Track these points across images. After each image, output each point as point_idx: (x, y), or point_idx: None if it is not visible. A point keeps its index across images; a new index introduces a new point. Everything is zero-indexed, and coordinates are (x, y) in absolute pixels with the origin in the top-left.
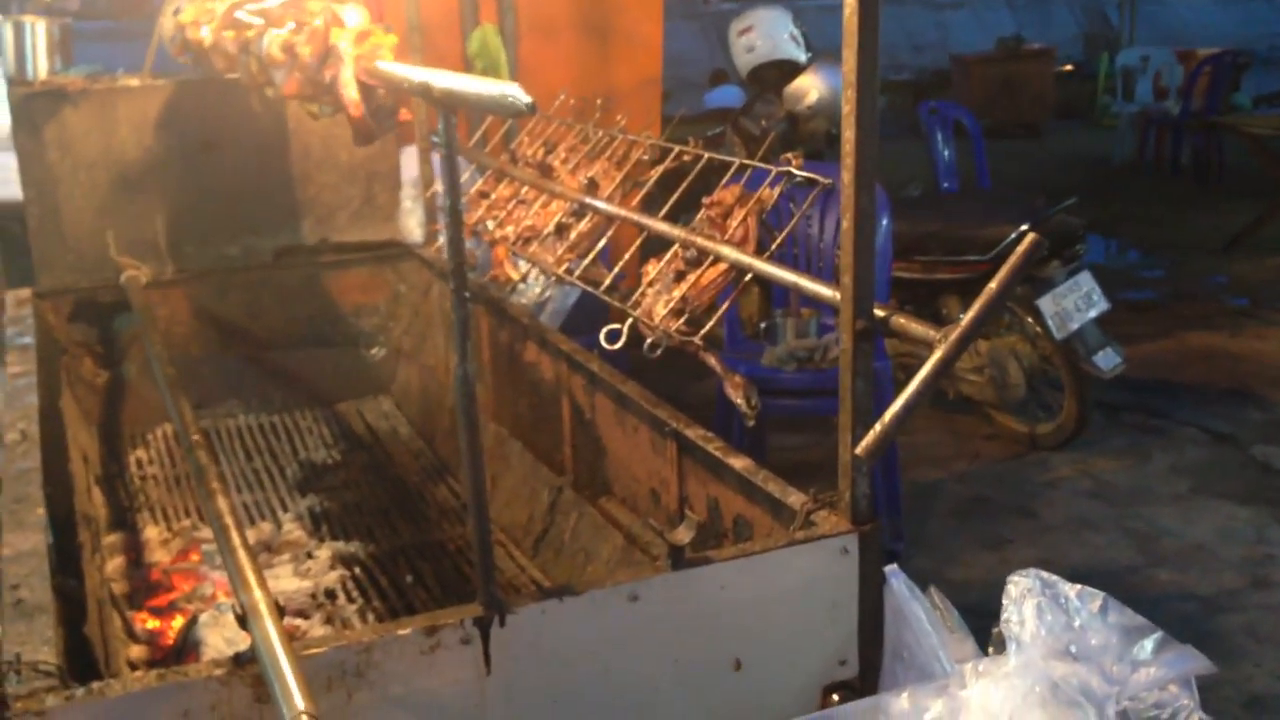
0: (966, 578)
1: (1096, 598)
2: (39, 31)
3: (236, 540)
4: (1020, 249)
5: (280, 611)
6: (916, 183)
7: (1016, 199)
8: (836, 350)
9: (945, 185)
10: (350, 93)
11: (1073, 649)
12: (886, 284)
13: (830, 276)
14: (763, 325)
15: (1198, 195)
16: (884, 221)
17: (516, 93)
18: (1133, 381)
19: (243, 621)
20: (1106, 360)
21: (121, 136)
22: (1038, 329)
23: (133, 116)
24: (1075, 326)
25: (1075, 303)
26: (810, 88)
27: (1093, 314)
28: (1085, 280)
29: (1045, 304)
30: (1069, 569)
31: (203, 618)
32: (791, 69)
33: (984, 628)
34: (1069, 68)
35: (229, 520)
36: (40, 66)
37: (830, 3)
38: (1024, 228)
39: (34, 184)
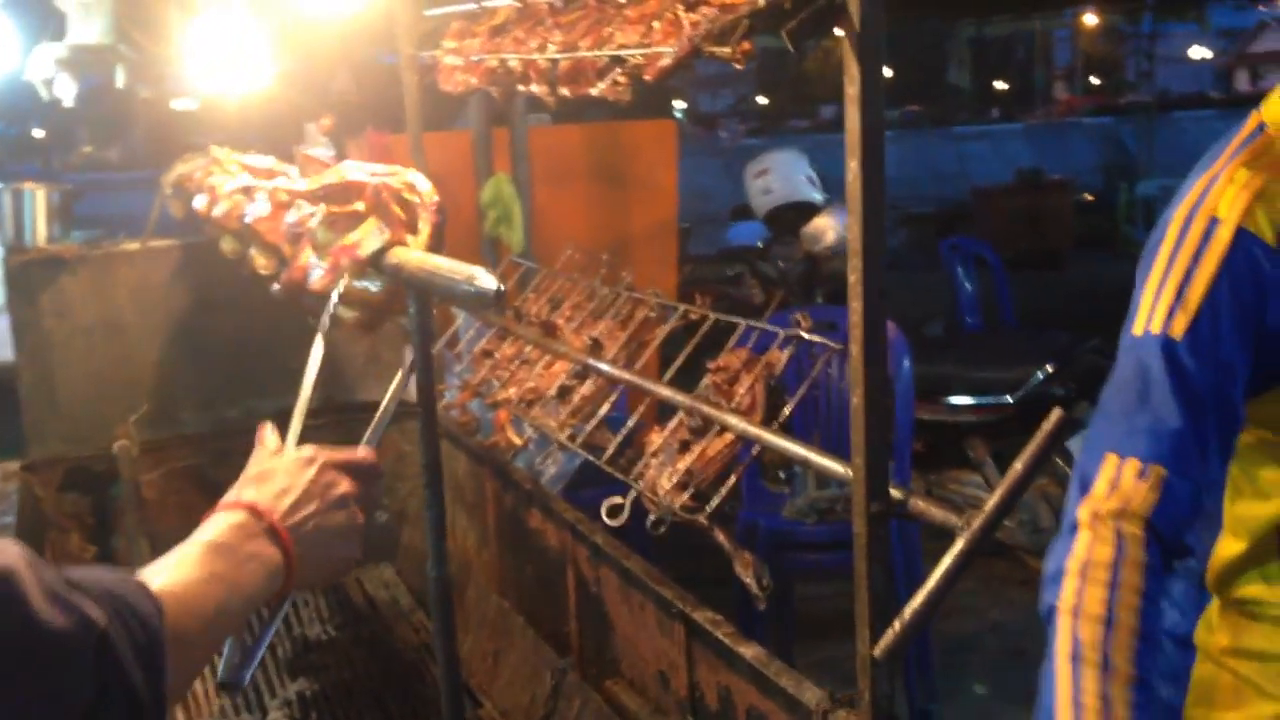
0: None
1: None
2: (38, 199)
3: None
4: (1046, 427)
5: None
6: (939, 318)
7: (1040, 336)
8: None
9: (969, 321)
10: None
11: None
12: (909, 429)
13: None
14: (782, 474)
15: None
16: (905, 364)
17: (484, 278)
18: None
19: None
20: None
21: (119, 301)
22: (1068, 471)
23: (131, 280)
24: None
25: None
26: (828, 228)
27: None
28: None
29: (1075, 445)
30: None
31: None
32: (809, 210)
33: None
34: (1089, 197)
35: None
36: (39, 234)
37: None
38: (1049, 369)
39: (28, 351)
